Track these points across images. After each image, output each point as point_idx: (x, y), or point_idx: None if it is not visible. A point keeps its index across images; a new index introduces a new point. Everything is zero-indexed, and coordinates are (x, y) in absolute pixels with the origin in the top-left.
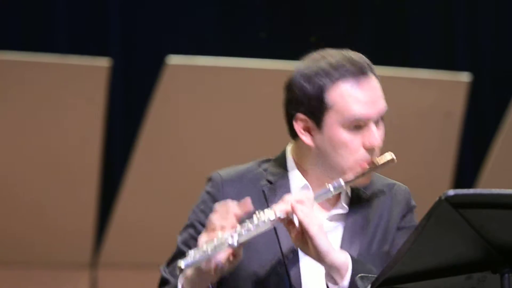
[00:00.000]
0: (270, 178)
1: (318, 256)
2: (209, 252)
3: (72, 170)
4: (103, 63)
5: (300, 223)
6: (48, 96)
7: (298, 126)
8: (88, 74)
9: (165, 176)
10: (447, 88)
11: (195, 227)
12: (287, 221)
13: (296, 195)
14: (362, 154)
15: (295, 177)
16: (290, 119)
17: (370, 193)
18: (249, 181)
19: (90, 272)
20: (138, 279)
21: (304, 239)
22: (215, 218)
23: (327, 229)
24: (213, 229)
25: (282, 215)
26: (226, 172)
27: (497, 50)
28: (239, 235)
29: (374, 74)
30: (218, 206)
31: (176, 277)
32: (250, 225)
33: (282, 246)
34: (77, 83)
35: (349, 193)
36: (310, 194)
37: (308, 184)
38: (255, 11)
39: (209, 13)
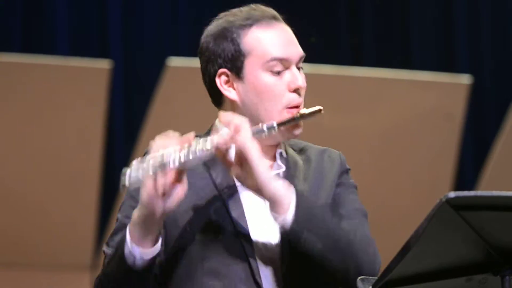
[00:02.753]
0: None
1: (259, 185)
2: (151, 168)
3: (73, 172)
4: (104, 65)
5: (239, 149)
6: (49, 98)
7: (220, 82)
8: (89, 76)
9: None
10: (447, 90)
11: (134, 198)
12: (225, 151)
13: (233, 119)
14: (289, 97)
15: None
16: (211, 81)
17: (304, 154)
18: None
19: (91, 274)
20: None
21: (243, 169)
22: (157, 141)
23: None
24: (156, 151)
25: (221, 143)
26: None
27: (497, 52)
28: (180, 157)
29: (285, 23)
30: (160, 135)
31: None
32: (190, 152)
33: (217, 185)
34: (78, 85)
35: (284, 154)
36: (246, 121)
37: None
38: None
39: (209, 15)
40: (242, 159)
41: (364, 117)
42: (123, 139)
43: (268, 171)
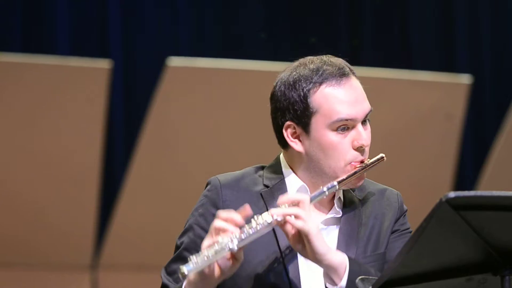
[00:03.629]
0: (267, 182)
1: (315, 257)
2: (211, 257)
3: (72, 172)
4: (103, 65)
5: (301, 231)
6: (49, 97)
7: (287, 134)
8: (89, 76)
9: (165, 178)
10: (447, 90)
11: (194, 231)
12: (284, 223)
13: (292, 196)
14: (352, 154)
15: (292, 180)
16: (278, 128)
17: (363, 197)
18: (247, 186)
19: (91, 273)
20: (138, 280)
21: (301, 241)
22: (217, 222)
23: (323, 232)
24: (215, 234)
25: (279, 218)
26: (224, 176)
27: (497, 52)
28: (239, 239)
29: (355, 76)
30: (220, 212)
31: (176, 282)
32: (249, 230)
33: (280, 245)
34: (78, 85)
35: (342, 198)
36: (306, 195)
37: (306, 185)
38: (255, 12)
39: (209, 15)
40: (300, 231)
41: None
42: (123, 139)
43: (324, 244)
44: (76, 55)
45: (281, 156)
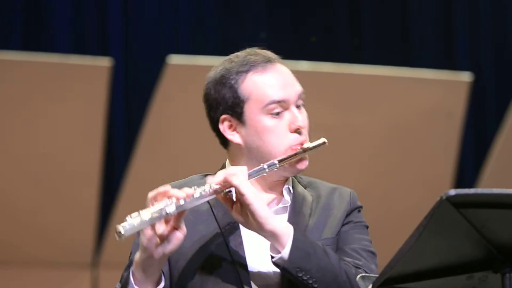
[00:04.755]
0: None
1: (258, 224)
2: (147, 219)
3: (73, 170)
4: (104, 63)
5: (236, 192)
6: (49, 95)
7: (223, 128)
8: (89, 74)
9: (165, 176)
10: (448, 88)
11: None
12: (224, 195)
13: (229, 169)
14: (290, 137)
15: None
16: (215, 126)
17: (314, 192)
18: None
19: (91, 271)
20: None
21: (243, 211)
22: (152, 192)
23: None
24: (152, 204)
25: (217, 187)
26: (172, 184)
27: (498, 49)
28: (177, 204)
29: (281, 63)
30: (158, 188)
31: (124, 285)
32: (187, 199)
33: (219, 223)
34: (78, 83)
35: (291, 189)
36: (244, 168)
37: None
38: (255, 11)
39: (209, 13)
40: (240, 201)
41: (364, 115)
42: (123, 137)
43: (265, 208)
44: (76, 53)
45: (226, 162)
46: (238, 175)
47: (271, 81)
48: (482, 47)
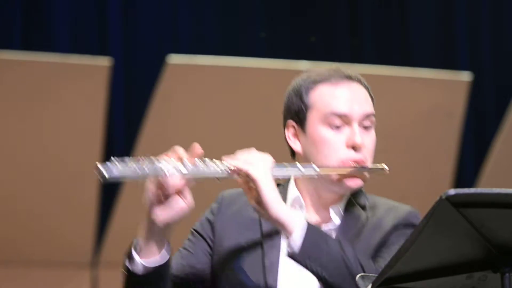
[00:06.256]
0: None
1: (265, 206)
2: (139, 170)
3: (72, 169)
4: (103, 62)
5: (250, 177)
6: (49, 95)
7: (288, 135)
8: (89, 73)
9: None
10: (447, 87)
11: (189, 236)
12: (244, 179)
13: (250, 155)
14: (345, 152)
15: (290, 190)
16: (284, 135)
17: (372, 213)
18: (246, 200)
19: (91, 271)
20: None
21: (258, 199)
22: (162, 154)
23: None
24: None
25: (230, 168)
26: (229, 191)
27: (497, 49)
28: (178, 169)
29: (361, 84)
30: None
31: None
32: (196, 167)
33: (263, 233)
34: (77, 83)
35: (341, 211)
36: (268, 158)
37: (300, 196)
38: (255, 11)
39: (209, 13)
40: (253, 182)
41: None
42: (123, 137)
43: (276, 194)
44: (76, 53)
45: None
46: (262, 162)
47: (338, 93)
48: (482, 47)
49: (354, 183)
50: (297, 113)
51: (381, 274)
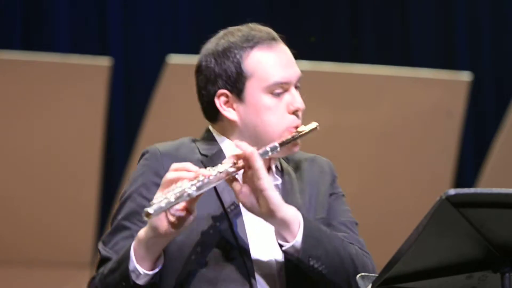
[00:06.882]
0: (204, 152)
1: (269, 211)
2: (172, 199)
3: (72, 169)
4: (104, 62)
5: (251, 177)
6: (49, 95)
7: (220, 103)
8: (89, 73)
9: None
10: (448, 87)
11: (135, 200)
12: (232, 177)
13: (240, 145)
14: (289, 118)
15: (229, 148)
16: (209, 99)
17: (294, 164)
18: (185, 155)
19: (91, 271)
20: None
21: (253, 195)
22: (170, 174)
23: None
24: (167, 187)
25: (232, 169)
26: (161, 145)
27: (497, 49)
28: (197, 186)
29: (284, 42)
30: (173, 165)
31: (117, 253)
32: (205, 179)
33: (224, 203)
34: (78, 83)
35: (279, 166)
36: (252, 148)
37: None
38: (255, 11)
39: (209, 13)
40: (255, 184)
41: (363, 115)
42: (123, 137)
43: (279, 197)
44: (76, 53)
45: (210, 127)
46: (256, 161)
47: (276, 60)
48: (482, 47)
49: (297, 148)
50: (232, 81)
51: (382, 274)
